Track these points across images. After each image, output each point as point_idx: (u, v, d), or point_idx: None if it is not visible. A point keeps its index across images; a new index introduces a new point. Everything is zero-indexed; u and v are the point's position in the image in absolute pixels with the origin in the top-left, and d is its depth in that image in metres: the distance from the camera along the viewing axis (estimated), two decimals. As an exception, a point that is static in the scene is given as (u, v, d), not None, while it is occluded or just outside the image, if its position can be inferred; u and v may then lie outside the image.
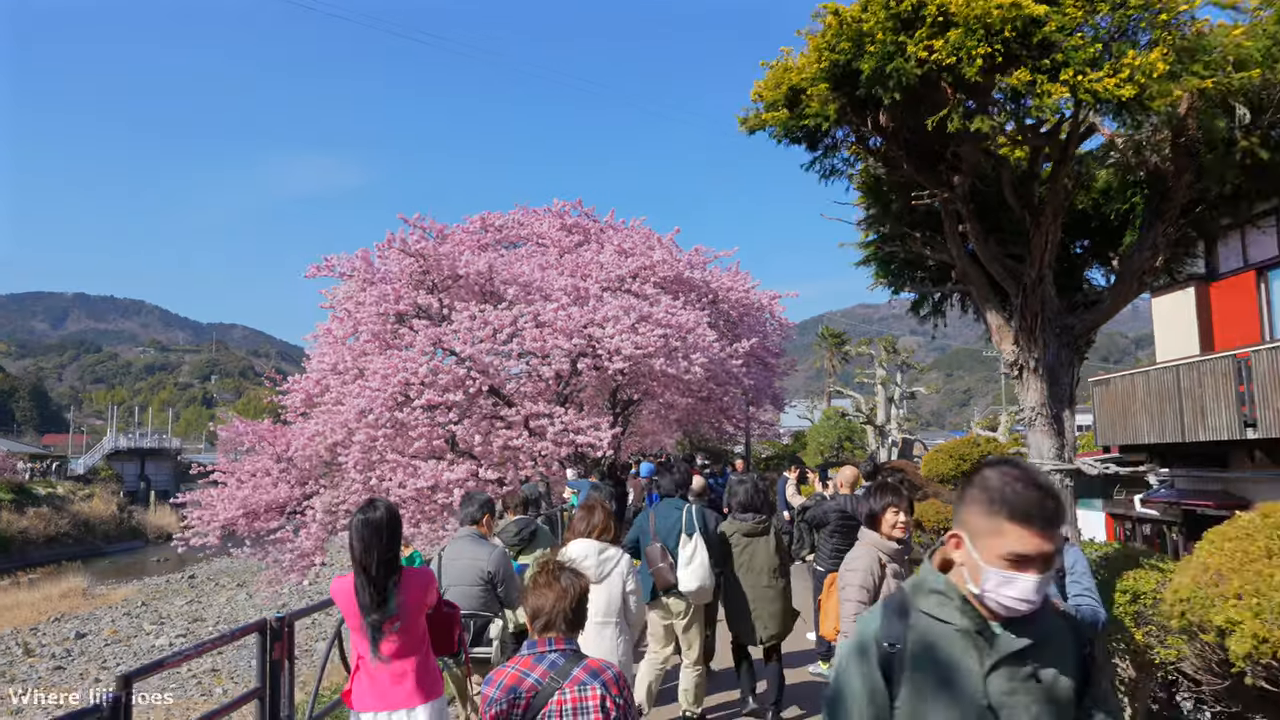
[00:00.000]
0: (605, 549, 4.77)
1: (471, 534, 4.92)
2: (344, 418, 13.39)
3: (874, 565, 3.84)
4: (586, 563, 4.62)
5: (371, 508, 3.49)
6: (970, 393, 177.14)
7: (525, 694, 2.51)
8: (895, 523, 3.93)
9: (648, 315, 14.29)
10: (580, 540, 4.79)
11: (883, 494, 3.98)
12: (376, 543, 3.41)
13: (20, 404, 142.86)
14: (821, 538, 7.13)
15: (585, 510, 4.94)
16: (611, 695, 2.53)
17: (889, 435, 28.89)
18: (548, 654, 2.59)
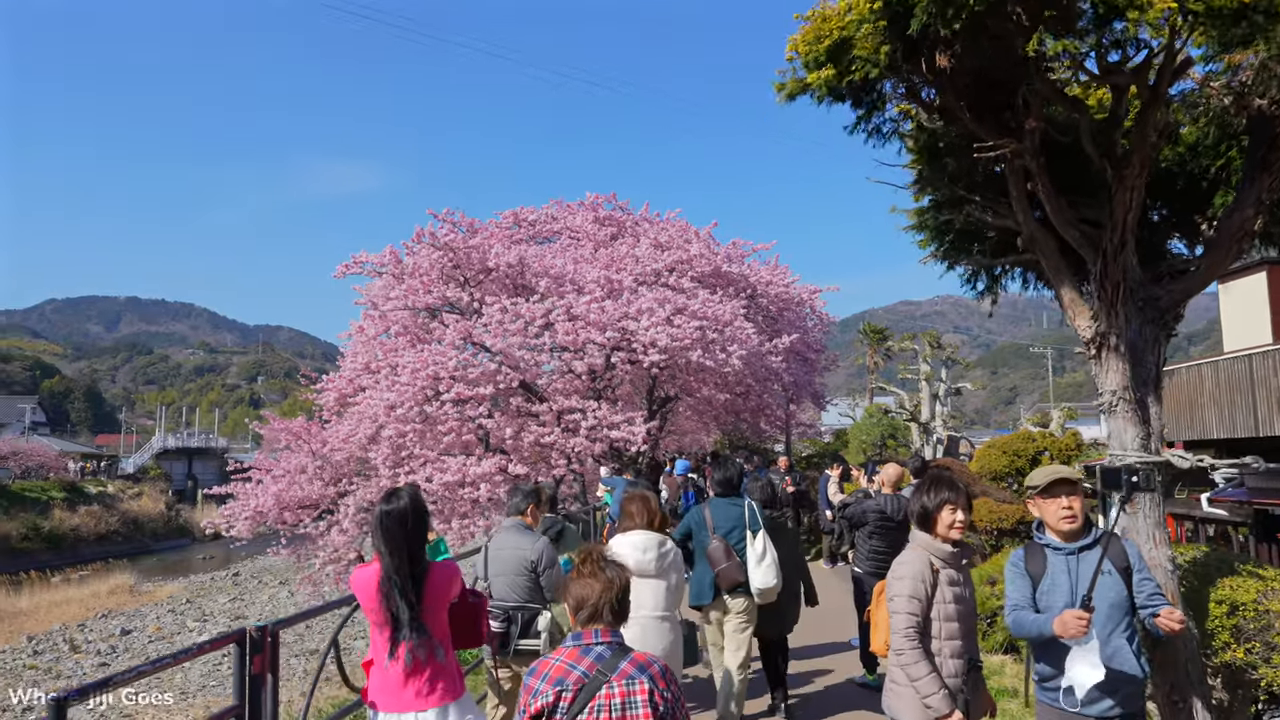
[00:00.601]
0: (664, 540, 4.62)
1: (517, 524, 4.85)
2: (373, 412, 13.19)
3: (925, 571, 3.35)
4: (648, 555, 4.48)
5: (395, 497, 3.27)
6: (1016, 390, 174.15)
7: (572, 686, 2.45)
8: (952, 522, 3.40)
9: (683, 308, 13.88)
10: (641, 532, 4.60)
11: (937, 489, 3.46)
12: (402, 534, 3.19)
13: (75, 405, 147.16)
14: (860, 538, 6.68)
15: (640, 500, 4.74)
16: (659, 689, 2.48)
17: (934, 432, 28.08)
18: (594, 646, 2.53)
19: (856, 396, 46.05)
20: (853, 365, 70.13)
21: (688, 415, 21.01)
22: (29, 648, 23.23)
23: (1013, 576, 3.46)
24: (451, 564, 3.51)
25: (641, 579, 4.35)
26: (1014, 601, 3.39)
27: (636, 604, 4.32)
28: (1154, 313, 3.86)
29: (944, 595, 3.35)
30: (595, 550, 2.77)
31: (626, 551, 4.43)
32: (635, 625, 4.27)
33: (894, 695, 3.41)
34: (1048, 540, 3.44)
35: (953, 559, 3.44)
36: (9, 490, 46.03)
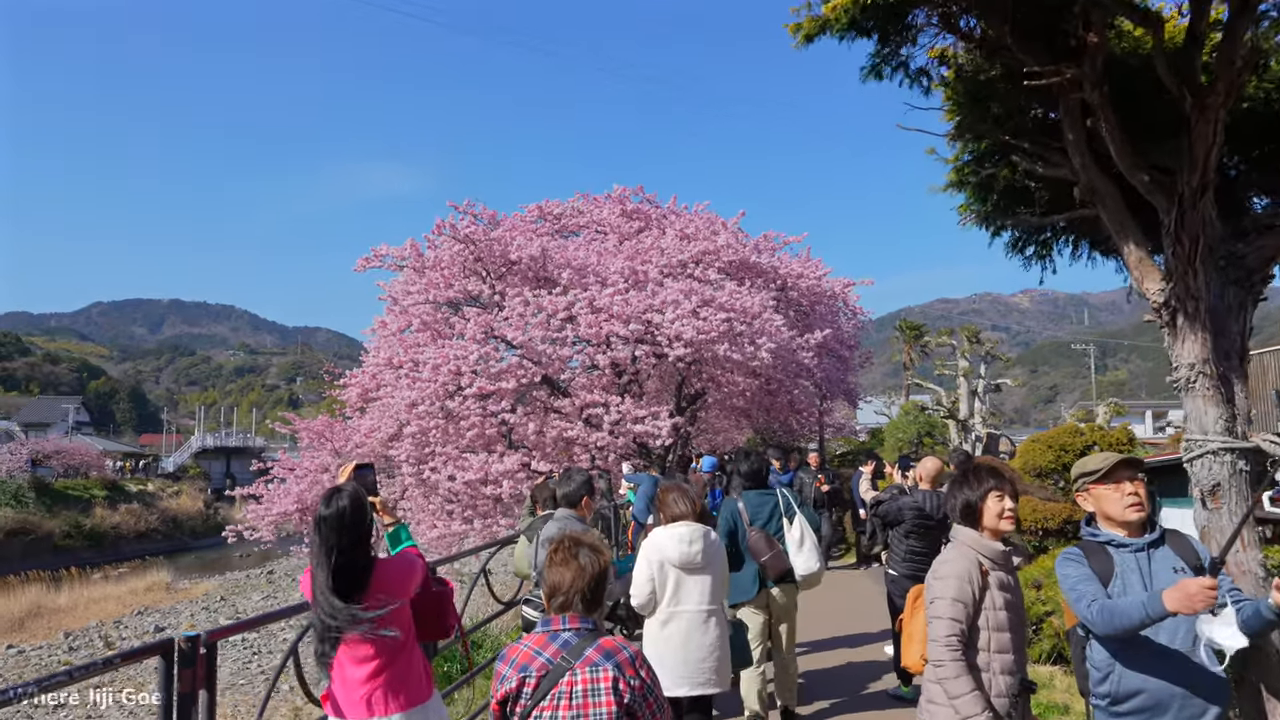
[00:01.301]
0: (709, 531, 4.43)
1: (569, 515, 4.76)
2: (394, 409, 12.92)
3: (972, 571, 2.86)
4: (694, 547, 4.28)
5: (335, 498, 3.01)
6: (1056, 388, 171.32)
7: (536, 672, 2.44)
8: (1001, 511, 2.95)
9: (710, 299, 13.40)
10: (685, 523, 4.38)
11: (980, 479, 3.02)
12: (337, 537, 2.95)
13: (120, 405, 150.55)
14: (894, 537, 6.16)
15: (679, 492, 4.54)
16: (625, 677, 2.44)
17: (972, 430, 27.18)
18: (561, 632, 2.50)
19: (892, 394, 45.11)
20: (889, 364, 69.05)
21: (718, 413, 20.51)
22: (65, 644, 23.44)
23: (1077, 573, 2.89)
24: (409, 555, 3.27)
25: (688, 572, 4.26)
26: (1090, 594, 2.81)
27: (682, 598, 4.24)
28: (1238, 273, 3.30)
29: (994, 600, 2.84)
30: (569, 537, 2.68)
31: (671, 543, 4.28)
32: (681, 621, 4.21)
33: (930, 716, 2.91)
34: (1109, 536, 2.93)
35: (1003, 559, 2.94)
36: (52, 489, 46.86)
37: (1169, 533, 2.94)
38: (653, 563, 4.31)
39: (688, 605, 4.26)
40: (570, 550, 2.62)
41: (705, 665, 4.23)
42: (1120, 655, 2.81)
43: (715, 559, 4.40)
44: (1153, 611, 2.58)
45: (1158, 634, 2.76)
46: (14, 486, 44.14)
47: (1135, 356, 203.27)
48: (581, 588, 2.55)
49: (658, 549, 4.33)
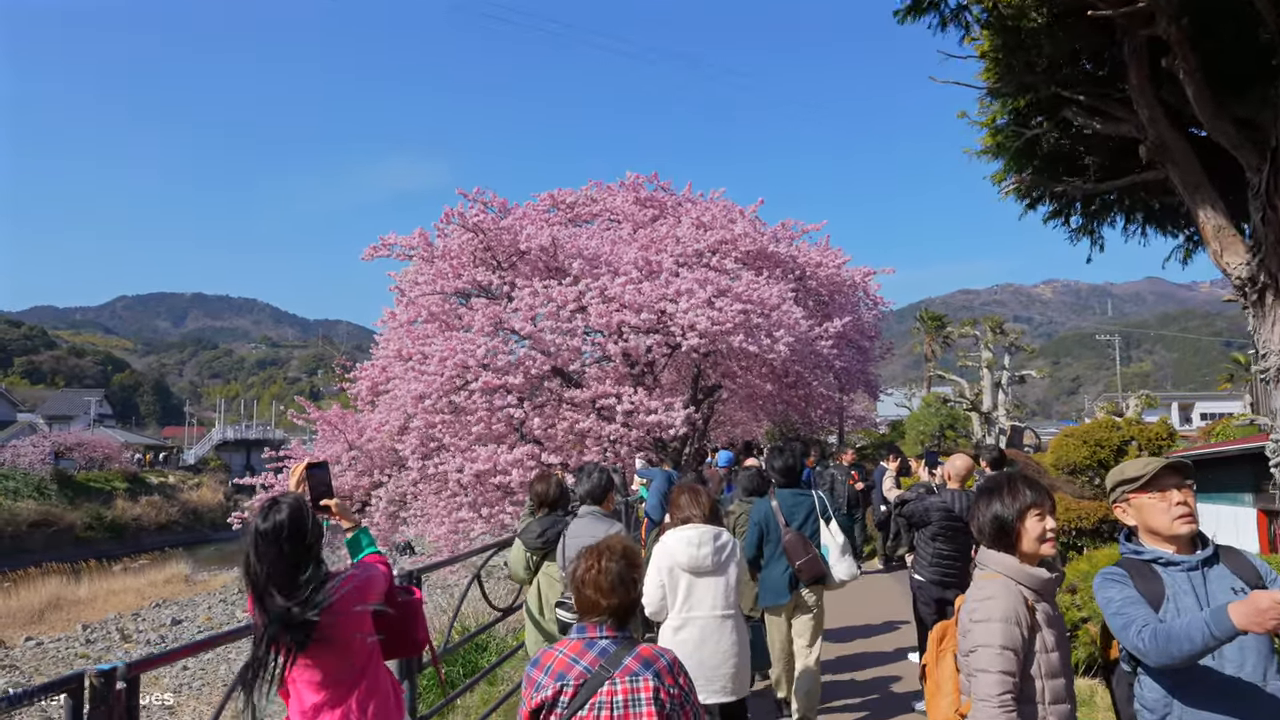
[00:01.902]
0: (720, 533, 4.25)
1: (594, 512, 4.69)
2: (402, 402, 12.62)
3: (1018, 610, 2.37)
4: (703, 550, 4.14)
5: (272, 511, 2.66)
6: (1079, 380, 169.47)
7: (574, 681, 2.37)
8: (1042, 533, 2.49)
9: (726, 289, 12.99)
10: (695, 525, 4.23)
11: (1015, 492, 2.52)
12: (276, 553, 2.59)
13: (144, 398, 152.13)
14: (920, 540, 5.73)
15: (691, 492, 4.41)
16: (665, 685, 2.39)
17: (996, 423, 26.58)
18: (598, 640, 2.43)
19: (913, 386, 44.43)
20: (909, 355, 68.12)
21: (736, 405, 20.10)
22: (83, 636, 23.49)
23: (1121, 595, 2.48)
24: (369, 564, 2.92)
25: (698, 576, 4.12)
26: (1139, 618, 2.39)
27: (694, 603, 4.09)
28: (1332, 247, 2.86)
29: (1045, 641, 2.38)
30: (601, 547, 2.57)
31: (680, 547, 4.15)
32: (694, 627, 4.07)
33: None
34: (1155, 552, 2.52)
35: (1049, 588, 2.48)
36: (74, 481, 47.23)
37: (1223, 549, 2.53)
38: (662, 567, 4.18)
39: (701, 610, 4.10)
40: (602, 560, 2.51)
41: (722, 672, 4.08)
42: (1179, 691, 2.39)
43: (728, 561, 4.20)
44: (1218, 630, 2.15)
45: (1222, 663, 2.35)
46: (36, 479, 44.52)
47: (1160, 348, 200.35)
48: (615, 603, 2.46)
49: (667, 553, 4.20)
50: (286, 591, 2.58)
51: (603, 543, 2.61)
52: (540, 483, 5.28)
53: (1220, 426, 20.10)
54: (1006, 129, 3.58)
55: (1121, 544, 2.66)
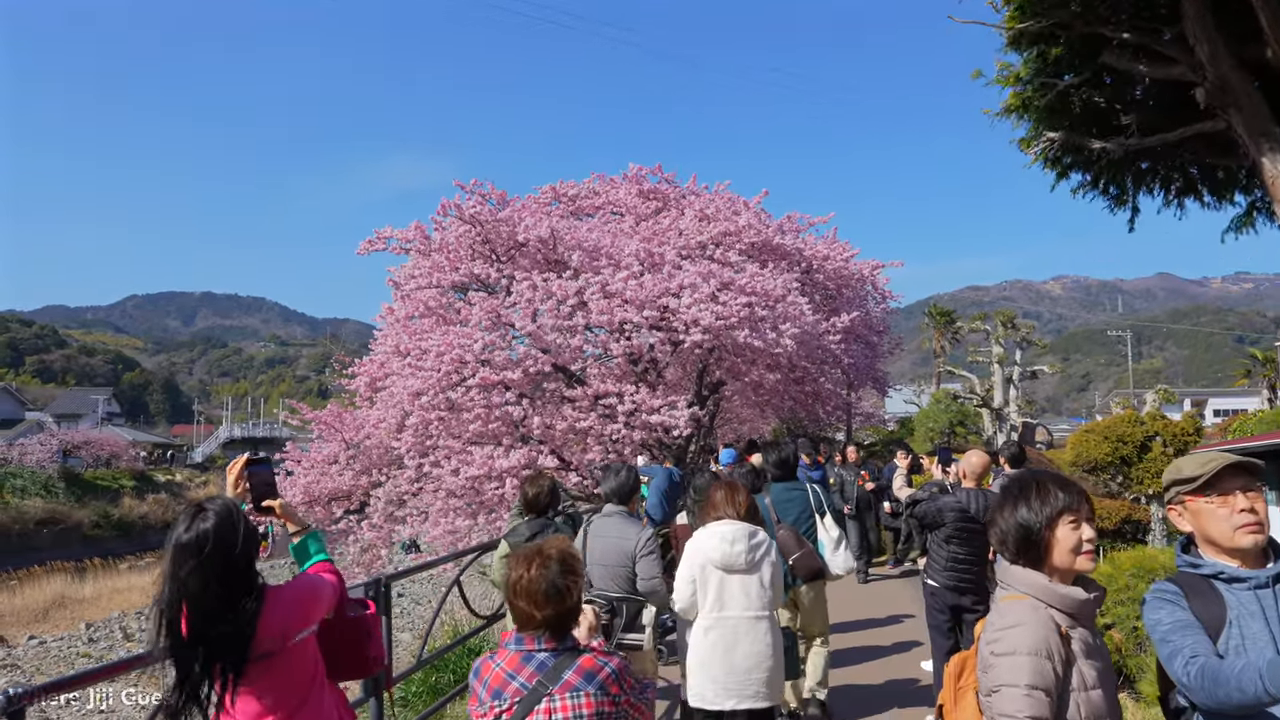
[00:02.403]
0: (755, 531, 4.10)
1: (620, 511, 4.59)
2: (398, 399, 12.32)
3: (1050, 640, 1.93)
4: (737, 547, 3.98)
5: (199, 517, 2.34)
6: (1089, 377, 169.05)
7: (510, 698, 2.24)
8: (1078, 544, 2.03)
9: (730, 282, 12.63)
10: (729, 522, 4.06)
11: (1044, 494, 2.08)
12: (196, 566, 2.26)
13: (154, 397, 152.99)
14: (934, 543, 5.38)
15: (728, 488, 4.23)
16: (610, 696, 2.26)
17: (1007, 419, 26.17)
18: (536, 653, 2.27)
19: (922, 383, 43.96)
20: (918, 352, 67.68)
21: (742, 402, 19.74)
22: (86, 635, 23.37)
23: (1171, 619, 2.11)
24: (314, 575, 2.59)
25: (731, 574, 3.98)
26: (1188, 649, 2.02)
27: (726, 602, 3.94)
28: None
29: (1084, 678, 1.94)
30: (533, 551, 2.36)
31: (712, 544, 4.00)
32: (725, 627, 3.94)
33: None
34: (1217, 566, 2.15)
35: (1087, 610, 2.04)
36: (82, 479, 47.34)
37: None
38: (694, 564, 4.04)
39: (732, 610, 3.96)
40: (534, 568, 2.29)
41: (754, 676, 3.92)
42: None
43: (762, 560, 4.04)
44: (1274, 687, 1.79)
45: None
46: (44, 477, 44.62)
47: (1171, 344, 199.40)
48: (550, 614, 2.26)
49: (699, 549, 4.06)
50: (214, 613, 2.26)
51: (536, 548, 2.38)
52: (531, 485, 5.01)
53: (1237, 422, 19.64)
54: (1034, 83, 3.20)
55: (1177, 555, 2.29)
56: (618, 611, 4.34)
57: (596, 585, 4.42)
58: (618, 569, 4.40)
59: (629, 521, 4.55)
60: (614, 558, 4.42)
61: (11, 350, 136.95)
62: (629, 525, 4.52)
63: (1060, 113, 3.12)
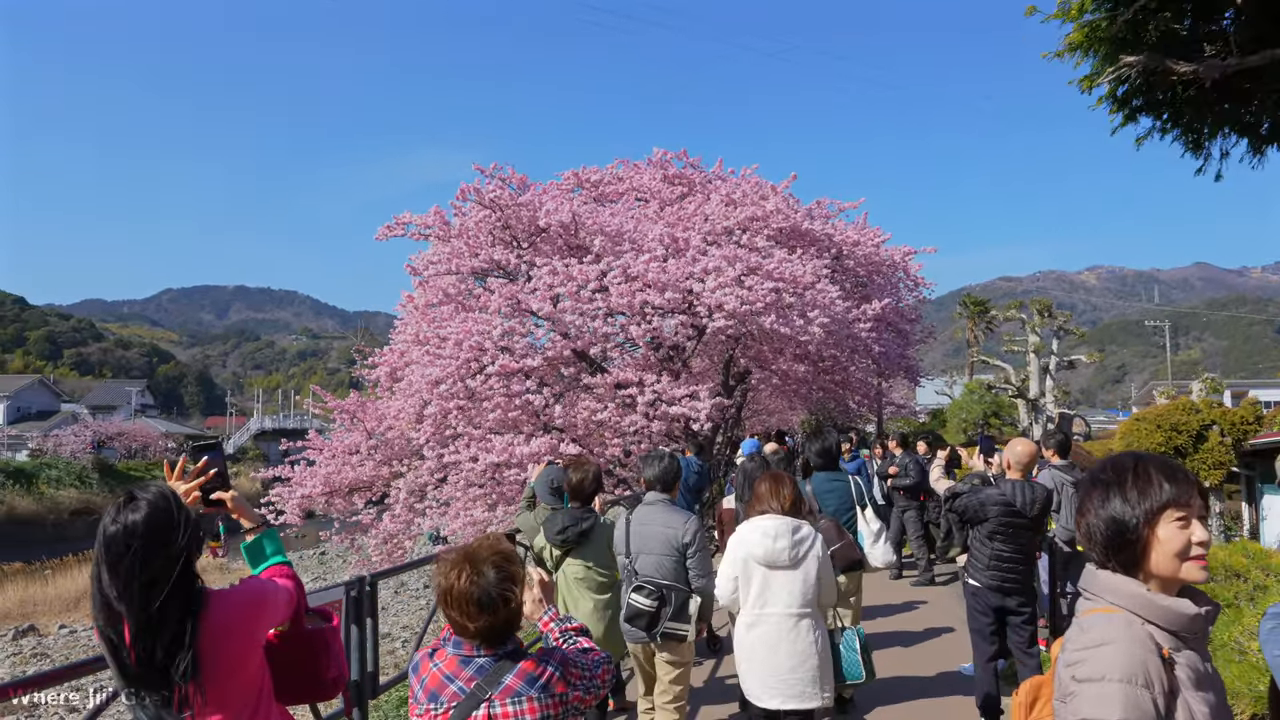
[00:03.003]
0: (800, 526, 3.99)
1: (664, 500, 4.51)
2: (417, 388, 12.06)
3: (1148, 664, 1.54)
4: (780, 543, 3.89)
5: (129, 507, 2.00)
6: (1124, 368, 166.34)
7: (447, 702, 2.07)
8: (1186, 546, 1.62)
9: (757, 267, 12.20)
10: (771, 516, 3.97)
11: (1144, 483, 1.66)
12: (128, 563, 1.94)
13: (188, 389, 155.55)
14: (975, 540, 4.95)
15: (772, 480, 4.13)
16: (556, 696, 2.09)
17: (1043, 410, 25.39)
18: (475, 657, 2.08)
19: (953, 374, 43.16)
20: (949, 343, 66.54)
21: (769, 393, 19.29)
22: (110, 626, 23.57)
23: None
24: (267, 579, 2.27)
25: (774, 570, 3.90)
26: None
27: (769, 599, 3.87)
28: None
29: (1192, 712, 1.54)
30: (465, 552, 2.12)
31: (755, 539, 3.92)
32: (769, 625, 3.87)
33: None
34: None
35: (1194, 628, 1.63)
36: (115, 469, 47.97)
37: None
38: (736, 559, 3.96)
39: (775, 608, 3.88)
40: (464, 574, 2.05)
41: (797, 675, 3.81)
42: None
43: (806, 556, 3.93)
44: None
45: None
46: (78, 467, 45.27)
47: (1209, 335, 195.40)
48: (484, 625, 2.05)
49: (742, 543, 3.97)
50: (139, 621, 1.95)
51: (467, 551, 2.12)
52: (576, 469, 4.79)
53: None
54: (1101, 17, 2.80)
55: None
56: (666, 600, 4.25)
57: (642, 573, 4.37)
58: (663, 558, 4.34)
59: (673, 510, 4.47)
60: (659, 546, 4.35)
61: (50, 344, 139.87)
62: (674, 514, 4.44)
63: (1132, 44, 2.73)
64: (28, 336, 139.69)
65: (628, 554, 4.45)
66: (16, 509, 40.49)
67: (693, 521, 4.41)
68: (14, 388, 60.35)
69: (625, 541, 4.48)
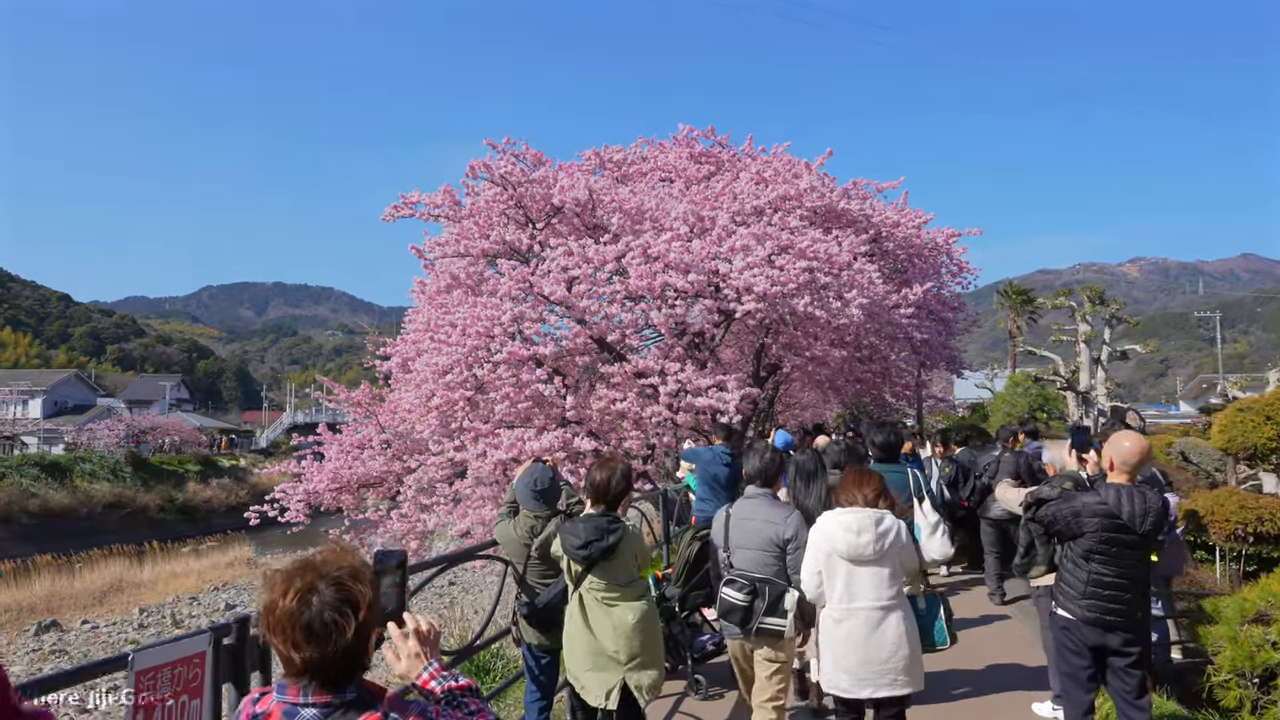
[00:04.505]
0: (883, 516, 3.92)
1: (764, 494, 4.41)
2: (422, 378, 11.26)
3: None
4: (864, 537, 3.84)
5: None
6: (1168, 362, 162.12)
7: None
8: None
9: (789, 245, 11.19)
10: (855, 510, 3.91)
11: None
12: None
13: (227, 384, 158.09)
14: (1067, 559, 3.91)
15: (855, 474, 4.10)
16: None
17: (1094, 403, 23.99)
18: (301, 707, 1.68)
19: (994, 367, 41.63)
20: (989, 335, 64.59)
21: (802, 385, 18.25)
22: (138, 620, 23.33)
23: None
24: None
25: (858, 565, 3.86)
26: None
27: (856, 594, 3.80)
28: None
29: None
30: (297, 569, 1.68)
31: (837, 533, 3.88)
32: (857, 619, 3.83)
33: None
34: None
35: None
36: (148, 464, 48.25)
37: None
38: (819, 553, 3.93)
39: (862, 601, 3.84)
40: (292, 593, 1.65)
41: (890, 665, 3.80)
42: None
43: (892, 548, 3.87)
44: None
45: None
46: (112, 461, 45.53)
47: (1256, 328, 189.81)
48: (315, 657, 1.62)
49: (825, 537, 3.93)
50: None
51: (308, 560, 1.72)
52: (601, 468, 4.07)
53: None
54: None
55: None
56: (760, 593, 4.13)
57: (738, 566, 4.27)
58: (762, 553, 4.23)
59: (774, 505, 4.35)
60: (758, 541, 4.24)
61: (93, 340, 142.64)
62: (775, 509, 4.31)
63: None
64: (72, 333, 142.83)
65: (725, 548, 4.35)
66: (51, 502, 40.82)
67: (795, 517, 4.27)
68: (51, 382, 61.07)
69: (724, 535, 4.38)
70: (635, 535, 4.06)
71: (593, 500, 4.04)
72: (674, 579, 5.72)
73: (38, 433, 52.46)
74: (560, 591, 4.17)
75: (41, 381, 60.51)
